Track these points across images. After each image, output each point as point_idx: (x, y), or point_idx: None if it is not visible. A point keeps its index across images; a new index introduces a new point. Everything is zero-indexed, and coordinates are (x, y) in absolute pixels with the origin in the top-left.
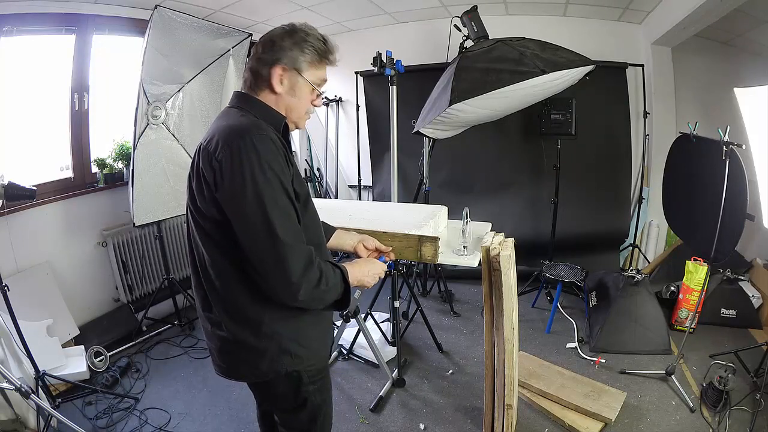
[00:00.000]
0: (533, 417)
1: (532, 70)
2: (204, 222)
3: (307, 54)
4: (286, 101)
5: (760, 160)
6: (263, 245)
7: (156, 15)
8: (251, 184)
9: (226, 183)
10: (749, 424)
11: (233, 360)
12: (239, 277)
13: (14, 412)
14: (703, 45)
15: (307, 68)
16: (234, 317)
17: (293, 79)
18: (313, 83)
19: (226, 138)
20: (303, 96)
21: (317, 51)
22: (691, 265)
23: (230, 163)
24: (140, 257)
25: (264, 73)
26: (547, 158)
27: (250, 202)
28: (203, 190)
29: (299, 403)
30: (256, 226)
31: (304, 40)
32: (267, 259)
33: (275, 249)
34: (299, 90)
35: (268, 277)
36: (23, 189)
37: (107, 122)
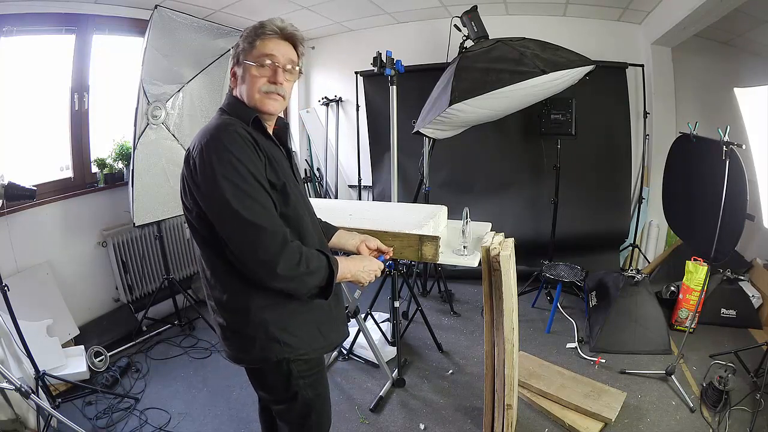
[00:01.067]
0: (533, 417)
1: (532, 70)
2: (191, 218)
3: (240, 45)
4: (240, 90)
5: (760, 160)
6: (236, 230)
7: (156, 15)
8: (219, 174)
9: (199, 177)
10: (749, 424)
11: (231, 345)
12: (225, 268)
13: (14, 412)
14: (703, 45)
15: (246, 55)
16: (225, 306)
17: (240, 70)
18: (252, 62)
19: (200, 137)
20: (248, 78)
21: (248, 36)
22: (691, 265)
23: (201, 159)
24: (140, 257)
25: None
26: (547, 158)
27: (219, 191)
28: (186, 189)
29: (290, 395)
30: (227, 212)
31: (241, 35)
32: (242, 242)
33: (246, 231)
34: (245, 74)
35: (246, 259)
36: (23, 189)
37: (107, 122)
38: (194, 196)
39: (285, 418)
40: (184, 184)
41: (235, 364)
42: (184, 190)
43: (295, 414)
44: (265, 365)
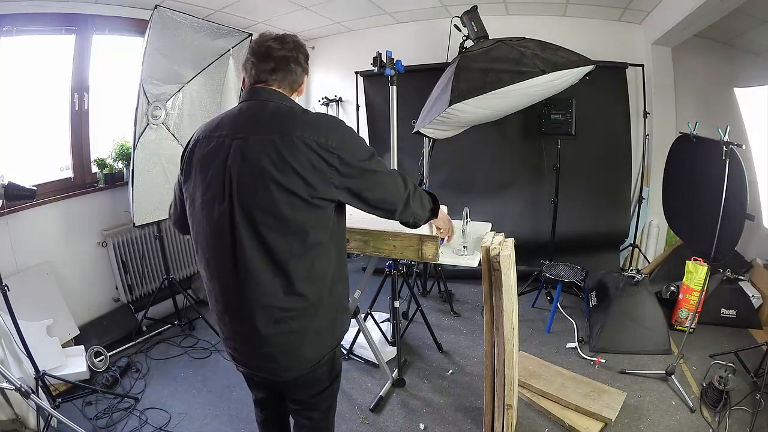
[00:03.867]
0: (533, 417)
1: (532, 70)
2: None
3: (304, 60)
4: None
5: (760, 160)
6: (391, 185)
7: (156, 15)
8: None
9: (353, 157)
10: (749, 424)
11: (310, 342)
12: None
13: (14, 412)
14: (703, 45)
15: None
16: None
17: (303, 83)
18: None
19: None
20: (303, 92)
21: (307, 57)
22: (691, 265)
23: (350, 141)
24: (140, 257)
25: (299, 78)
26: (547, 158)
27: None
28: (325, 175)
29: (330, 384)
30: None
31: (300, 50)
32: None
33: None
34: (303, 87)
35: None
36: (23, 189)
37: (107, 122)
38: (342, 181)
39: (313, 415)
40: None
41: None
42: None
43: (325, 406)
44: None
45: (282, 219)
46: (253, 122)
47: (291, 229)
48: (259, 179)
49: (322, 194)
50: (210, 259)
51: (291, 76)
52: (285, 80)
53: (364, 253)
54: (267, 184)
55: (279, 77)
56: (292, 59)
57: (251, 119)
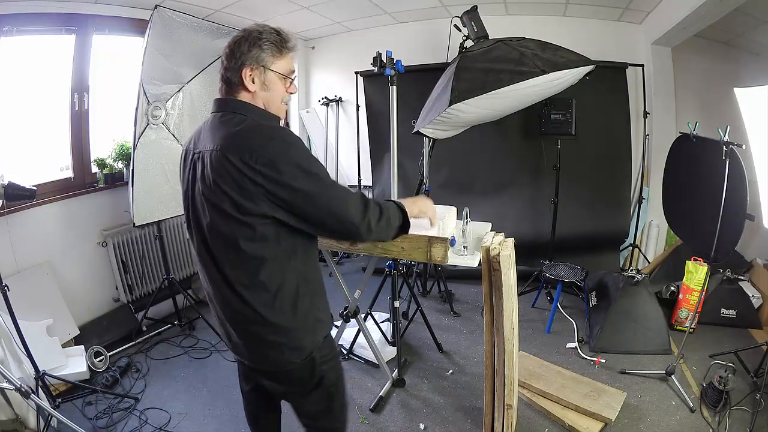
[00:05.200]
0: (533, 417)
1: (532, 70)
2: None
3: (266, 49)
4: (261, 96)
5: (760, 160)
6: (334, 207)
7: (156, 15)
8: (309, 167)
9: (287, 175)
10: (749, 424)
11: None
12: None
13: (14, 412)
14: (703, 45)
15: (272, 61)
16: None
17: (262, 76)
18: (281, 73)
19: (261, 143)
20: (275, 88)
21: (274, 43)
22: (691, 265)
23: (284, 159)
24: (140, 257)
25: (234, 79)
26: (547, 158)
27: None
28: (251, 193)
29: (316, 382)
30: (324, 196)
31: (258, 39)
32: (341, 216)
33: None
34: (270, 83)
35: (346, 229)
36: (23, 189)
37: (107, 122)
38: (271, 199)
39: (311, 411)
40: (246, 188)
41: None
42: (246, 195)
43: (323, 402)
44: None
45: (218, 235)
46: (208, 136)
47: (226, 242)
48: (201, 196)
49: (251, 210)
50: (197, 262)
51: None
52: (231, 85)
53: (373, 254)
54: (203, 201)
55: (225, 84)
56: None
57: (208, 132)
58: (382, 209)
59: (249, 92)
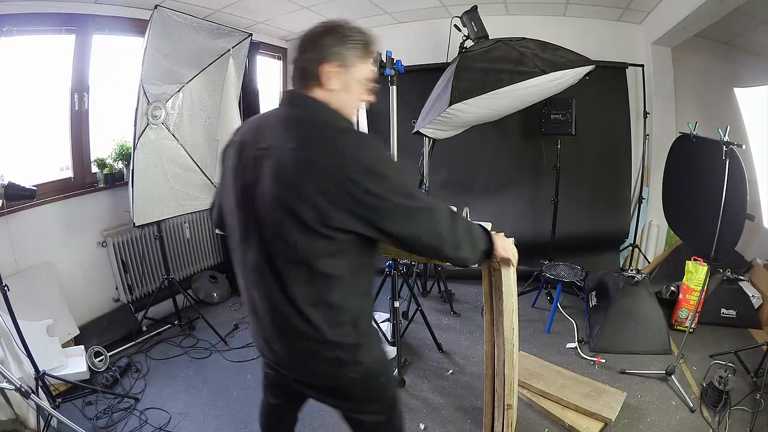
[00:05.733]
0: (533, 417)
1: (532, 70)
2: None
3: (350, 48)
4: (339, 97)
5: (760, 160)
6: (424, 222)
7: (156, 15)
8: (401, 179)
9: (380, 188)
10: (749, 424)
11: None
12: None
13: (14, 412)
14: (703, 45)
15: (354, 63)
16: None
17: (343, 76)
18: (361, 78)
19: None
20: (354, 91)
21: (360, 44)
22: (691, 265)
23: (377, 171)
24: (140, 257)
25: (312, 71)
26: (547, 158)
27: (408, 193)
28: (339, 203)
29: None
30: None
31: (344, 35)
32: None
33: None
34: (350, 86)
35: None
36: (23, 189)
37: (107, 122)
38: (359, 211)
39: (371, 424)
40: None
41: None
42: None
43: (383, 414)
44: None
45: (288, 246)
46: (278, 132)
47: (298, 255)
48: (271, 200)
49: (335, 223)
50: (238, 266)
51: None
52: (306, 77)
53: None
54: (274, 206)
55: (300, 75)
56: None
57: (276, 128)
58: (471, 230)
59: (325, 90)
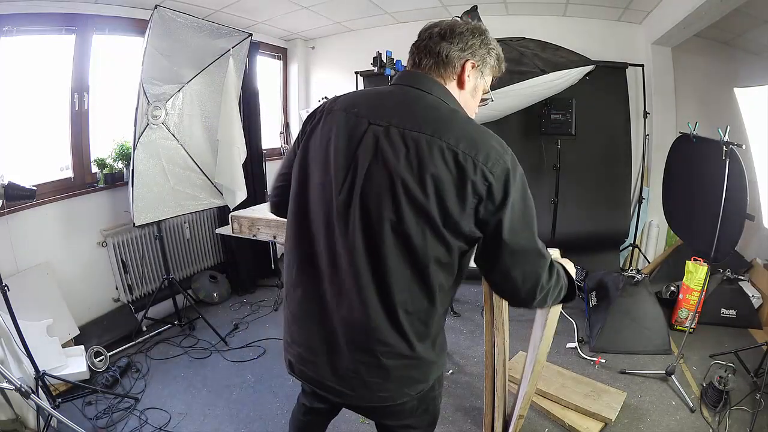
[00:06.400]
0: (533, 417)
1: (531, 70)
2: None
3: (492, 56)
4: (465, 99)
5: (760, 160)
6: (532, 267)
7: (156, 15)
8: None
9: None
10: (749, 424)
11: (409, 380)
12: (427, 295)
13: (14, 412)
14: (703, 45)
15: (488, 72)
16: (423, 335)
17: (477, 80)
18: (484, 89)
19: (499, 151)
20: (477, 98)
21: (498, 56)
22: (691, 265)
23: (516, 180)
24: (140, 257)
25: (455, 63)
26: (547, 158)
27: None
28: (467, 203)
29: (424, 409)
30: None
31: (489, 42)
32: (530, 272)
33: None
34: (477, 91)
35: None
36: (23, 189)
37: (107, 122)
38: (478, 218)
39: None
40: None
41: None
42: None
43: (427, 427)
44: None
45: (405, 242)
46: (401, 111)
47: (412, 257)
48: (390, 185)
49: (458, 226)
50: (304, 257)
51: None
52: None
53: None
54: (398, 195)
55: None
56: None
57: (399, 106)
58: (560, 280)
59: (458, 87)
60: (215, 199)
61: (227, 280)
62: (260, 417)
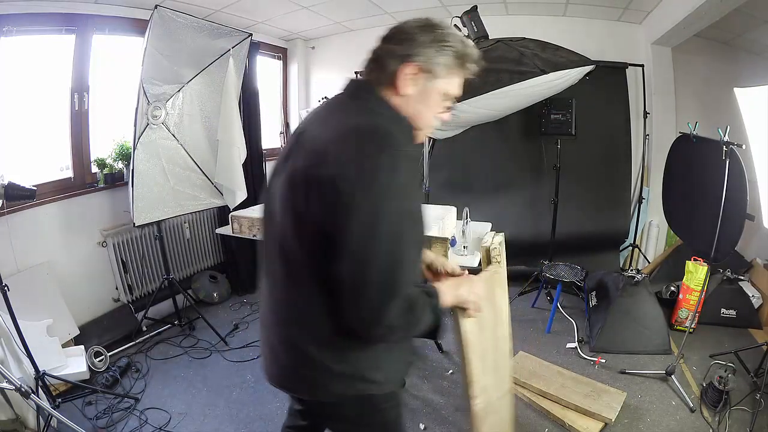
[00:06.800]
0: (533, 417)
1: (531, 70)
2: (303, 235)
3: (445, 56)
4: (412, 106)
5: (760, 160)
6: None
7: (156, 15)
8: (386, 202)
9: (356, 202)
10: (749, 424)
11: (305, 379)
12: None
13: (14, 412)
14: (703, 45)
15: (443, 73)
16: (321, 342)
17: (424, 84)
18: (444, 93)
19: (358, 147)
20: (432, 104)
21: (458, 53)
22: (691, 265)
23: (371, 180)
24: (140, 257)
25: (392, 67)
26: (547, 158)
27: (379, 220)
28: (314, 198)
29: (373, 421)
30: (372, 251)
31: (443, 38)
32: (369, 299)
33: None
34: (429, 97)
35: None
36: (23, 189)
37: (107, 122)
38: (328, 210)
39: None
40: (312, 192)
41: (305, 398)
42: (309, 198)
43: None
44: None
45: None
46: (314, 122)
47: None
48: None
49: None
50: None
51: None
52: (376, 72)
53: None
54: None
55: (374, 65)
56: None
57: (316, 117)
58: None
59: (398, 95)
60: (215, 199)
61: (227, 280)
62: (260, 417)
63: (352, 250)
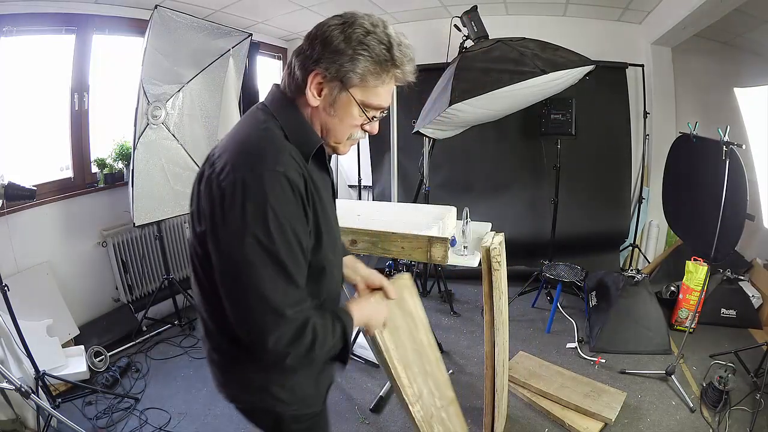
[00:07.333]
0: (533, 417)
1: (531, 70)
2: (199, 253)
3: (359, 60)
4: (322, 118)
5: (760, 160)
6: (245, 304)
7: (156, 15)
8: (251, 228)
9: (223, 219)
10: (749, 424)
11: (225, 382)
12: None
13: (14, 412)
14: (703, 45)
15: (357, 81)
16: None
17: (335, 93)
18: (362, 103)
19: (235, 161)
20: (345, 117)
21: (376, 57)
22: (691, 265)
23: (231, 198)
24: (140, 257)
25: (299, 75)
26: (547, 158)
27: (244, 249)
28: (200, 215)
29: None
30: (242, 282)
31: (360, 41)
32: (247, 321)
33: (260, 314)
34: (341, 109)
35: (248, 339)
36: (23, 189)
37: (107, 122)
38: (206, 223)
39: None
40: (200, 208)
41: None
42: (198, 215)
43: None
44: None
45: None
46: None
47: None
48: None
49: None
50: None
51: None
52: (288, 80)
53: (373, 254)
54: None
55: (288, 72)
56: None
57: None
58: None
59: (307, 104)
60: None
61: None
62: None
63: (220, 271)
